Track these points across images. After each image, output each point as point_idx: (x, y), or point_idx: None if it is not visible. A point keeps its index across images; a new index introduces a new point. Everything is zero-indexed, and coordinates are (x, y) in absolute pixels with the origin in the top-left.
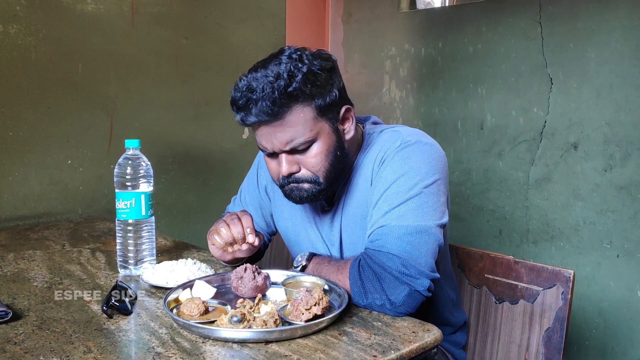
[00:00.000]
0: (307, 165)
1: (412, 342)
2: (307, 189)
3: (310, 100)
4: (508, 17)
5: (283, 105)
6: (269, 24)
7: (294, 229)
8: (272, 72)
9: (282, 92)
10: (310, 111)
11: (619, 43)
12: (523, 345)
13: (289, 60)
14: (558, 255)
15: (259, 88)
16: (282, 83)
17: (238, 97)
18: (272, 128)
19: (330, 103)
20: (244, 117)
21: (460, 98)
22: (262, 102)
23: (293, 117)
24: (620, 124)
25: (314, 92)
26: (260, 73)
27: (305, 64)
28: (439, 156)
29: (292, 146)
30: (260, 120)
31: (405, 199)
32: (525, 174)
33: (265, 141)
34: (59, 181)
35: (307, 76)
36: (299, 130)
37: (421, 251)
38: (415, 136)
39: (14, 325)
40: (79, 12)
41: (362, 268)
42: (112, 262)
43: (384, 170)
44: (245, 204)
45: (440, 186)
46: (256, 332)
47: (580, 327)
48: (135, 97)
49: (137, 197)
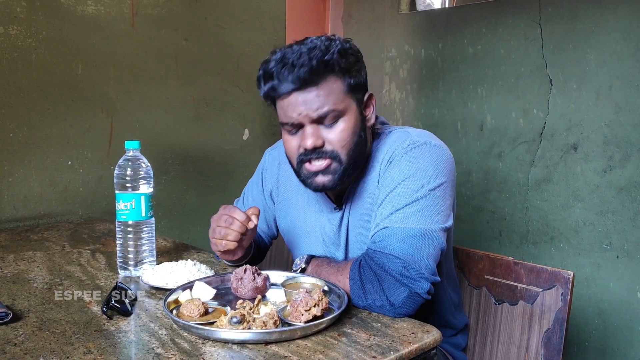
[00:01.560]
0: (332, 140)
1: (412, 343)
2: (332, 170)
3: (343, 75)
4: (508, 18)
5: (319, 73)
6: (268, 25)
7: (298, 231)
8: (307, 45)
9: (319, 59)
10: (342, 85)
11: (618, 44)
12: (523, 346)
13: (322, 40)
14: (558, 256)
15: (294, 56)
16: (319, 53)
17: (271, 66)
18: (304, 94)
19: (359, 84)
20: (276, 85)
21: (460, 99)
22: (299, 68)
23: (327, 85)
24: (620, 125)
25: (347, 67)
26: (294, 47)
27: (337, 44)
28: (447, 159)
29: (322, 113)
30: (294, 87)
31: (410, 201)
32: (525, 175)
33: (293, 110)
34: (59, 182)
35: (341, 52)
36: (330, 99)
37: (423, 254)
38: (424, 137)
39: (14, 326)
40: (79, 14)
41: (363, 269)
42: (112, 263)
43: (391, 170)
44: (248, 205)
45: (446, 189)
46: (256, 333)
47: (580, 328)
48: (136, 98)
49: (137, 198)
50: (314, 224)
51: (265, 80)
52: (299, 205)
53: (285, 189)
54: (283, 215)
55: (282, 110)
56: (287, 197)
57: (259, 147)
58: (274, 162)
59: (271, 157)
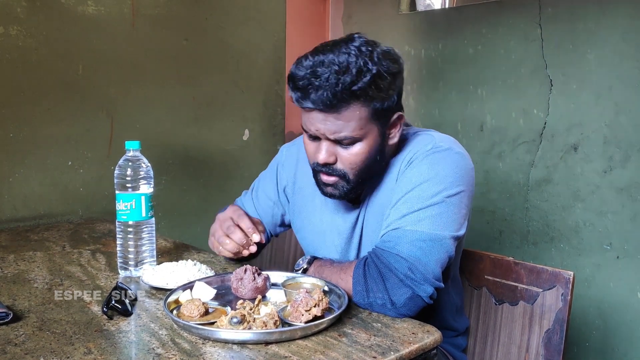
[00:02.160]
0: (344, 160)
1: (412, 344)
2: (339, 186)
3: (369, 102)
4: (508, 18)
5: (343, 100)
6: (269, 25)
7: (313, 229)
8: (340, 62)
9: (346, 87)
10: (366, 112)
11: (618, 44)
12: (523, 347)
13: (359, 54)
14: (558, 256)
15: (323, 76)
16: (348, 79)
17: (300, 77)
18: (324, 116)
19: (387, 108)
20: (299, 99)
21: (460, 99)
22: (324, 91)
23: (348, 112)
24: (620, 126)
25: (375, 95)
26: (327, 58)
27: (375, 64)
28: (468, 168)
29: (338, 138)
30: (315, 107)
31: (425, 205)
32: (525, 175)
33: (312, 125)
34: (59, 182)
35: (374, 79)
36: (350, 126)
37: (430, 259)
38: (448, 143)
39: (15, 326)
40: (79, 14)
41: (368, 266)
42: (112, 264)
43: (411, 171)
44: (257, 198)
45: (462, 198)
46: (256, 333)
47: (580, 329)
48: (136, 98)
49: (137, 198)
50: (329, 222)
51: (291, 86)
52: (316, 203)
53: (302, 186)
54: (297, 212)
55: (303, 117)
56: (304, 195)
57: (259, 148)
58: (291, 158)
59: (289, 154)
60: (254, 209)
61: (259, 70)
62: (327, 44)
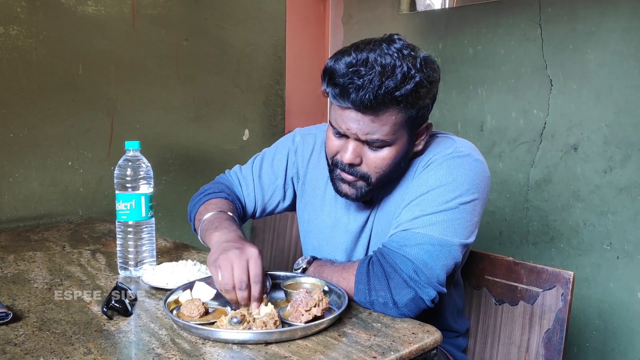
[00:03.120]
0: (370, 162)
1: (412, 344)
2: (358, 186)
3: (407, 108)
4: (508, 18)
5: (383, 104)
6: (269, 25)
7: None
8: (384, 64)
9: (389, 91)
10: (401, 118)
11: (618, 44)
12: (523, 347)
13: (402, 58)
14: (558, 256)
15: (367, 77)
16: (392, 84)
17: (341, 74)
18: (360, 116)
19: (420, 116)
20: (337, 95)
21: (460, 99)
22: (366, 92)
23: (385, 116)
24: (620, 126)
25: (414, 102)
26: (370, 56)
27: (418, 70)
28: (485, 176)
29: (370, 139)
30: (352, 106)
31: (439, 210)
32: (525, 175)
33: (344, 123)
34: (59, 182)
35: (417, 86)
36: (383, 129)
37: (437, 263)
38: (468, 149)
39: (14, 326)
40: (79, 14)
41: (373, 265)
42: (112, 264)
43: (428, 173)
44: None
45: (476, 206)
46: (256, 334)
47: (580, 329)
48: (136, 98)
49: (137, 198)
50: (338, 220)
51: (328, 82)
52: (327, 199)
53: (314, 178)
54: (304, 205)
55: (334, 113)
56: (315, 187)
57: (259, 148)
58: (307, 147)
59: (305, 142)
60: (253, 189)
61: (259, 70)
62: (368, 42)
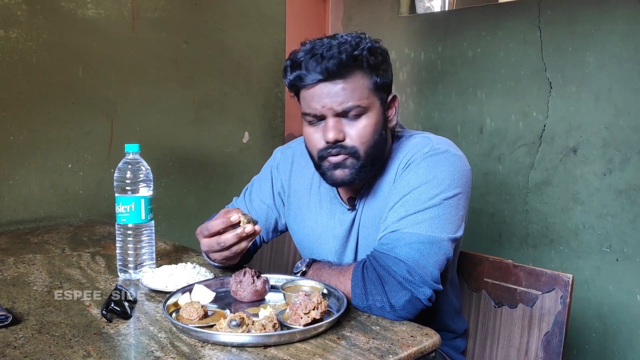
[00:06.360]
0: (353, 135)
1: (411, 346)
2: (348, 164)
3: (370, 72)
4: (507, 21)
5: (347, 67)
6: (269, 28)
7: (309, 232)
8: (337, 39)
9: (348, 53)
10: (369, 82)
11: (617, 47)
12: (522, 350)
13: (351, 35)
14: (557, 259)
15: (324, 48)
16: (349, 48)
17: (300, 56)
18: (330, 87)
19: (385, 83)
20: (303, 75)
21: (460, 102)
22: (328, 60)
23: (354, 80)
24: (620, 128)
25: (375, 65)
26: (324, 40)
27: (367, 41)
28: (465, 170)
29: (346, 107)
30: (321, 78)
31: (423, 208)
32: (525, 177)
33: (318, 102)
34: (59, 185)
35: (371, 49)
36: (356, 94)
37: (429, 261)
38: (445, 145)
39: (14, 329)
40: (79, 17)
41: (366, 269)
42: (111, 266)
43: (408, 174)
44: (251, 202)
45: (460, 200)
46: (255, 336)
47: (580, 331)
48: (136, 101)
49: (136, 201)
50: (325, 225)
51: (292, 69)
52: (311, 207)
53: (297, 188)
54: (293, 216)
55: (305, 100)
56: (299, 197)
57: (259, 150)
58: (286, 161)
59: (284, 157)
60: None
61: (259, 73)
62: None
